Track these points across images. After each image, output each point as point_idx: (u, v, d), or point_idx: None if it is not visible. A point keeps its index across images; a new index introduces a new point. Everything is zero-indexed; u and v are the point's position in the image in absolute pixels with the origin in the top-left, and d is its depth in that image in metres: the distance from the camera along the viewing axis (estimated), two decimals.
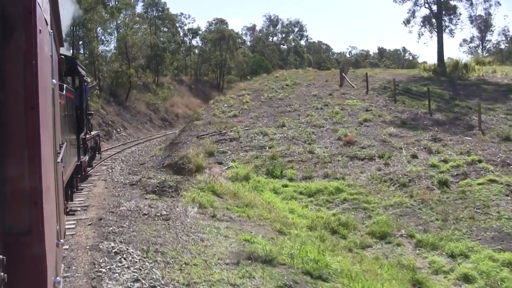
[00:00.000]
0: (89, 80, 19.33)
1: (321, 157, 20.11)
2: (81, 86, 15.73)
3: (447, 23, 42.57)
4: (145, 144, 31.89)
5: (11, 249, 2.00)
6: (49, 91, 3.13)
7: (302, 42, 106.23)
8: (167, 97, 56.15)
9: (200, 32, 75.88)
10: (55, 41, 4.17)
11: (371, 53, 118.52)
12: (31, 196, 2.09)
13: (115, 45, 50.53)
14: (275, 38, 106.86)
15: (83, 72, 16.33)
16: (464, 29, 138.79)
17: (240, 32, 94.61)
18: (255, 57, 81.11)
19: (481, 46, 75.42)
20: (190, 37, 76.42)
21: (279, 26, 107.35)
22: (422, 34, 43.96)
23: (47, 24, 2.96)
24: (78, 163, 13.32)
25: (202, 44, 75.44)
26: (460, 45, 72.06)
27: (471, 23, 56.80)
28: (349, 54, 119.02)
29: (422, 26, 44.19)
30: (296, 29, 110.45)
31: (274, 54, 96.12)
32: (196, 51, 78.28)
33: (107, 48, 48.74)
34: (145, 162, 23.01)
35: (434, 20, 44.27)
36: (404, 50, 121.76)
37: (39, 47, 2.22)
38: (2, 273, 1.84)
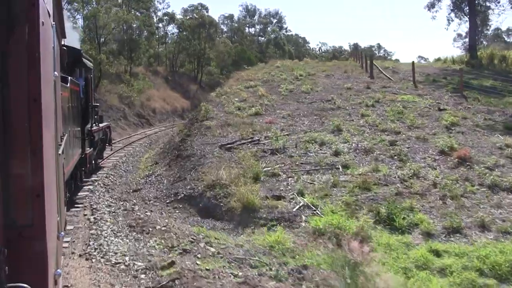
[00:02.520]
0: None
1: (440, 185, 11.99)
2: (87, 78, 15.39)
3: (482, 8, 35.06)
4: (127, 151, 22.95)
5: (13, 241, 1.97)
6: (51, 83, 3.10)
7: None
8: (142, 90, 46.93)
9: (177, 17, 66.39)
10: (57, 33, 4.15)
11: (344, 48, 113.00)
12: (34, 188, 2.05)
13: (82, 24, 40.84)
14: (252, 30, 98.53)
15: (88, 64, 15.92)
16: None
17: (217, 21, 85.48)
18: (237, 47, 72.35)
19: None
20: (166, 23, 66.86)
21: (256, 17, 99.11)
22: (452, 20, 36.52)
23: (49, 16, 2.96)
24: (82, 156, 13.06)
25: (179, 31, 65.94)
26: (454, 39, 65.17)
27: None
28: (319, 50, 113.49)
29: (451, 10, 36.71)
30: (275, 21, 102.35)
31: (252, 46, 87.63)
32: (172, 39, 68.78)
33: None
34: (139, 187, 14.26)
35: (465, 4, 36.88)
36: (379, 46, 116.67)
37: (42, 40, 2.17)
38: (3, 266, 1.82)
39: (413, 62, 27.24)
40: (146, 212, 10.76)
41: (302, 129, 17.65)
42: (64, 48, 5.91)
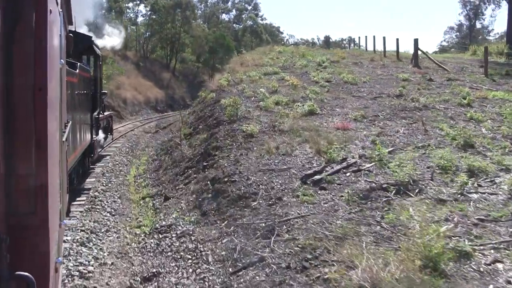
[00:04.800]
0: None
1: None
2: (96, 65, 15.51)
3: None
4: (103, 169, 15.18)
5: (15, 229, 1.90)
6: (57, 71, 2.94)
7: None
8: (111, 76, 38.84)
9: None
10: (64, 20, 3.97)
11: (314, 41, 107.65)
12: (37, 177, 1.98)
13: None
14: (225, 16, 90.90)
15: (98, 52, 15.43)
16: None
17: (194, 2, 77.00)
18: (215, 33, 64.43)
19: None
20: (136, 2, 58.08)
21: (229, 4, 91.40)
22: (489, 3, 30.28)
23: (57, 4, 2.85)
24: (90, 143, 12.70)
25: (151, 12, 57.31)
26: (445, 33, 59.72)
27: None
28: (287, 42, 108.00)
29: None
30: (250, 7, 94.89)
31: (228, 33, 79.86)
32: (143, 21, 60.12)
33: None
34: None
35: None
36: (351, 39, 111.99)
37: (49, 28, 2.09)
38: (5, 253, 1.76)
39: (486, 48, 20.72)
40: None
41: (403, 141, 10.72)
42: (71, 35, 5.42)
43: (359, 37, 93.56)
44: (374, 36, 37.87)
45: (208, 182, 8.91)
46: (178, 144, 14.25)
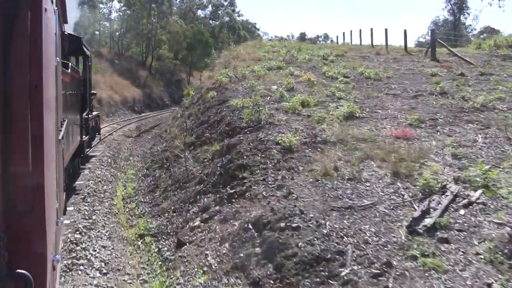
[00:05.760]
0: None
1: None
2: (85, 65, 15.40)
3: None
4: (84, 189, 11.90)
5: (12, 227, 1.87)
6: (53, 70, 2.91)
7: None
8: None
9: None
10: (59, 19, 3.99)
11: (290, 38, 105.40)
12: (34, 174, 1.95)
13: None
14: (201, 12, 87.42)
15: (87, 52, 15.33)
16: None
17: None
18: (193, 28, 60.92)
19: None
20: None
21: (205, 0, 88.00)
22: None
23: (52, 2, 2.83)
24: (80, 143, 12.38)
25: (125, 7, 53.35)
26: (429, 28, 57.81)
27: None
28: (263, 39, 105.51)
29: None
30: (226, 3, 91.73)
31: (204, 29, 76.42)
32: (118, 16, 56.16)
33: None
34: None
35: None
36: (326, 36, 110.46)
37: (44, 26, 2.10)
38: (2, 252, 1.75)
39: None
40: None
41: (490, 154, 7.96)
42: (66, 33, 5.56)
43: (343, 33, 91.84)
44: (360, 30, 35.44)
45: (249, 226, 5.90)
46: (178, 157, 11.17)
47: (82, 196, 10.20)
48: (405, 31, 24.40)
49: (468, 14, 56.90)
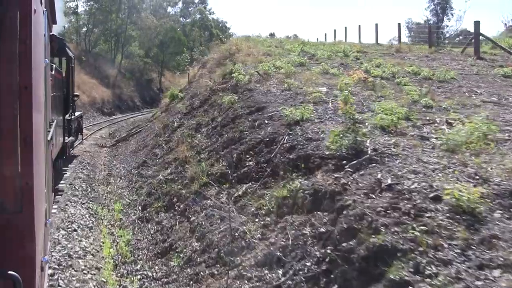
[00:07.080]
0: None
1: None
2: (68, 66, 15.16)
3: None
4: (51, 256, 7.91)
5: (1, 228, 1.85)
6: (42, 71, 2.88)
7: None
8: None
9: None
10: (48, 20, 3.85)
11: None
12: (24, 175, 1.92)
13: None
14: (171, 9, 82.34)
15: (70, 54, 15.39)
16: None
17: None
18: (166, 24, 56.09)
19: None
20: None
21: None
22: None
23: (41, 3, 2.76)
24: (63, 145, 12.23)
25: (92, 1, 47.89)
26: (410, 29, 55.22)
27: None
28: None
29: None
30: (197, 0, 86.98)
31: (176, 26, 71.68)
32: (84, 10, 50.64)
33: None
34: None
35: None
36: (296, 36, 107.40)
37: (33, 27, 2.04)
38: None
39: None
40: None
41: None
42: (55, 34, 5.08)
43: (325, 34, 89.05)
44: (345, 28, 32.12)
45: None
46: (200, 196, 7.03)
47: (51, 276, 5.91)
48: (429, 26, 21.00)
49: (452, 15, 54.34)
